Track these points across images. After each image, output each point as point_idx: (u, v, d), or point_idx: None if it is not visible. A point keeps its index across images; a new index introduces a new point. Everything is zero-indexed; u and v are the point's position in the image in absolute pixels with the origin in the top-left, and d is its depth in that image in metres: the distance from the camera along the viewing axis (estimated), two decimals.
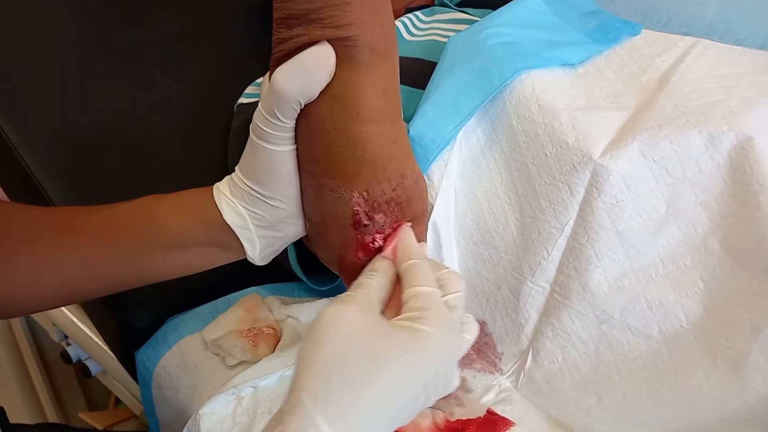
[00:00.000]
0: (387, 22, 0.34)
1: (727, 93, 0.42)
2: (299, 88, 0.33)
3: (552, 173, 0.44)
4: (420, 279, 0.32)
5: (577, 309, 0.43)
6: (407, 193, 0.36)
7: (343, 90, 0.34)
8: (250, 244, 0.38)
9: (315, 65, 0.32)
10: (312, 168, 0.36)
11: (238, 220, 0.37)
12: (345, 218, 0.36)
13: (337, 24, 0.32)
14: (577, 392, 0.44)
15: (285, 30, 0.33)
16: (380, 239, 0.36)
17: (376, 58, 0.34)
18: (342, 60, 0.33)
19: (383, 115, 0.35)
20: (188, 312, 0.55)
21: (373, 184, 0.35)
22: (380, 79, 0.34)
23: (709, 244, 0.40)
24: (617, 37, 0.50)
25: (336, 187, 0.35)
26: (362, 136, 0.34)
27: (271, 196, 0.37)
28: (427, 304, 0.31)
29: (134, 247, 0.39)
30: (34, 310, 0.44)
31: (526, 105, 0.46)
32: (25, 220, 0.40)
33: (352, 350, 0.28)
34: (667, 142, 0.40)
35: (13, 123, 0.56)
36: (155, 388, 0.52)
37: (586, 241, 0.42)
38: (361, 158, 0.35)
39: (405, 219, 0.37)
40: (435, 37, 0.60)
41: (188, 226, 0.38)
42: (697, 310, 0.40)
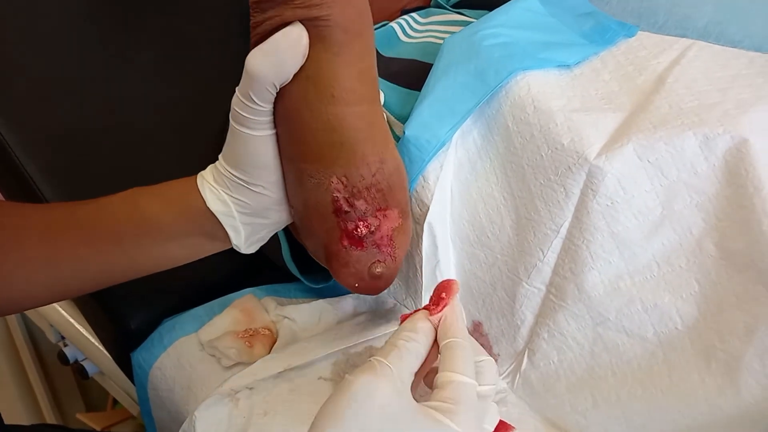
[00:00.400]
0: (360, 2, 0.34)
1: (722, 95, 0.42)
2: (272, 70, 0.33)
3: (547, 174, 0.44)
4: (460, 366, 0.31)
5: (573, 310, 0.43)
6: (388, 179, 0.36)
7: (317, 71, 0.33)
8: (235, 231, 0.38)
9: (287, 46, 0.32)
10: (291, 153, 0.36)
11: (221, 207, 0.37)
12: (326, 205, 0.36)
13: (307, 4, 0.32)
14: (572, 394, 0.44)
15: (259, 13, 0.33)
16: (363, 227, 0.36)
17: (349, 38, 0.33)
18: (315, 41, 0.33)
19: (358, 97, 0.34)
20: (184, 313, 0.55)
21: (351, 169, 0.35)
22: (355, 60, 0.34)
23: (704, 246, 0.40)
24: (613, 38, 0.50)
25: (315, 173, 0.35)
26: (337, 118, 0.34)
27: (253, 183, 0.37)
28: (461, 397, 0.30)
29: (121, 240, 0.39)
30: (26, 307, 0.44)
31: (522, 106, 0.46)
32: (12, 218, 0.40)
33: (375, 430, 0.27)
34: (663, 144, 0.40)
35: (9, 124, 0.56)
36: (151, 389, 0.52)
37: (582, 243, 0.42)
38: (338, 142, 0.34)
39: (389, 207, 0.36)
40: (431, 39, 0.60)
41: (172, 216, 0.38)
42: (692, 312, 0.40)
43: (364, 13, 0.34)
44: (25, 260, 0.38)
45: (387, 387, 0.29)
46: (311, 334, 0.52)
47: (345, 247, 0.36)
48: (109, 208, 0.39)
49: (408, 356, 0.31)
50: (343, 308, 0.54)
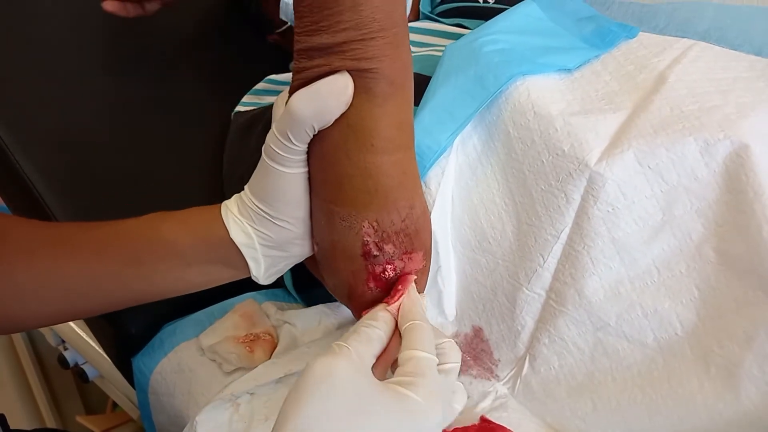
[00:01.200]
0: (406, 55, 0.34)
1: (723, 98, 0.42)
2: (314, 114, 0.33)
3: (548, 180, 0.44)
4: (419, 342, 0.32)
5: (573, 316, 0.43)
6: (416, 224, 0.37)
7: (359, 120, 0.34)
8: (255, 263, 0.38)
9: (332, 93, 0.33)
10: (323, 193, 0.36)
11: (244, 238, 0.37)
12: (354, 247, 0.36)
13: (359, 57, 0.32)
14: (572, 399, 0.44)
15: (306, 60, 0.33)
16: (391, 270, 0.36)
17: (393, 90, 0.34)
18: (360, 91, 0.33)
19: (396, 146, 0.35)
20: (184, 318, 0.55)
21: (383, 215, 0.35)
22: (396, 111, 0.34)
23: (703, 251, 0.40)
24: (614, 41, 0.50)
25: (347, 216, 0.36)
26: (375, 166, 0.35)
27: (278, 217, 0.37)
28: (421, 370, 0.31)
29: (137, 264, 0.39)
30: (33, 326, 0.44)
31: (522, 112, 0.46)
32: (24, 234, 0.40)
33: (337, 408, 0.28)
34: (663, 149, 0.40)
35: (9, 127, 0.56)
36: (152, 394, 0.52)
37: (582, 248, 0.42)
38: (373, 188, 0.35)
39: (414, 250, 0.37)
40: (432, 52, 0.60)
41: (193, 243, 0.38)
42: (692, 318, 0.40)
43: (409, 66, 0.35)
44: (35, 276, 0.38)
45: (346, 366, 0.29)
46: (311, 338, 0.52)
47: (370, 289, 0.37)
48: (128, 230, 0.39)
49: (367, 340, 0.32)
50: (342, 313, 0.54)
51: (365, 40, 0.32)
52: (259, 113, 0.63)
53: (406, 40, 0.34)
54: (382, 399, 0.29)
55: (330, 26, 0.31)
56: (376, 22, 0.31)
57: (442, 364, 0.33)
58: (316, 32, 0.32)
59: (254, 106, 0.66)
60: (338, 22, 0.31)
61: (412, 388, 0.30)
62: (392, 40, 0.32)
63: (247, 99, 0.68)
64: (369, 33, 0.32)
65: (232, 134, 0.65)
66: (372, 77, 0.33)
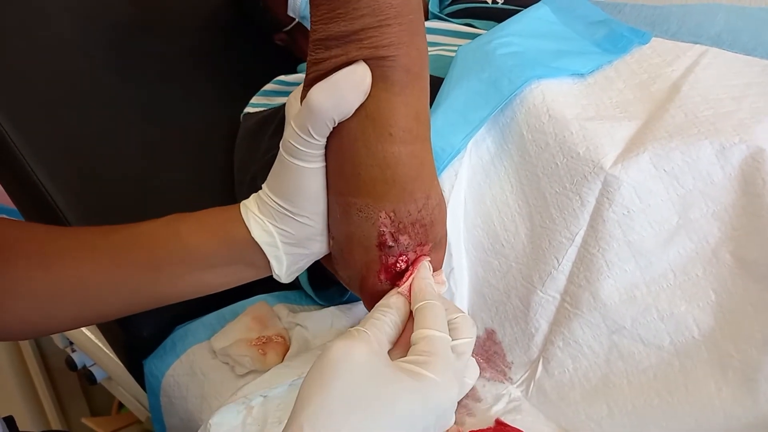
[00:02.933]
0: (422, 44, 0.34)
1: (736, 104, 0.42)
2: (334, 106, 0.33)
3: (563, 183, 0.44)
4: (431, 321, 0.32)
5: (588, 319, 0.43)
6: (431, 215, 0.37)
7: (377, 110, 0.34)
8: (278, 261, 0.38)
9: (351, 84, 0.33)
10: (340, 186, 0.36)
11: (266, 237, 0.37)
12: (370, 238, 0.36)
13: (376, 45, 0.32)
14: (587, 402, 0.44)
15: (322, 51, 0.33)
16: (403, 262, 0.36)
17: (410, 79, 0.34)
18: (377, 80, 0.33)
19: (414, 136, 0.35)
20: (195, 321, 0.55)
21: (400, 205, 0.35)
22: (413, 101, 0.34)
23: (720, 255, 0.40)
24: (627, 46, 0.50)
25: (364, 207, 0.35)
26: (393, 156, 0.34)
27: (299, 213, 0.37)
28: (435, 349, 0.31)
29: (157, 267, 0.38)
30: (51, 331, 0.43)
31: (537, 115, 0.46)
32: (41, 240, 0.40)
33: (356, 391, 0.28)
34: (678, 153, 0.40)
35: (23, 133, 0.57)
36: (164, 396, 0.52)
37: (597, 251, 0.42)
38: (390, 179, 0.35)
39: (428, 242, 0.37)
40: (442, 52, 0.60)
41: (214, 245, 0.38)
42: (709, 322, 0.40)
43: (425, 55, 0.35)
44: (54, 282, 0.38)
45: (364, 348, 0.30)
46: (323, 341, 0.52)
47: (381, 281, 0.37)
48: (147, 234, 0.39)
49: (383, 324, 0.32)
50: (354, 315, 0.54)
51: (382, 26, 0.32)
52: (269, 114, 0.63)
53: (422, 28, 0.34)
54: (398, 380, 0.29)
55: (347, 13, 0.31)
56: (393, 8, 0.31)
57: (455, 339, 0.33)
58: (333, 20, 0.31)
59: (264, 107, 0.66)
60: (355, 8, 0.31)
61: (426, 367, 0.30)
62: (408, 27, 0.32)
63: (256, 100, 0.68)
64: (386, 19, 0.31)
65: (241, 135, 0.65)
66: (389, 65, 0.33)
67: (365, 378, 0.29)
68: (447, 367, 0.31)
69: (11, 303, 0.38)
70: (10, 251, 0.39)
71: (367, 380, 0.29)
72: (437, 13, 0.68)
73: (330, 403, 0.28)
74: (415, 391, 0.29)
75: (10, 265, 0.38)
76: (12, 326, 0.40)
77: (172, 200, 0.60)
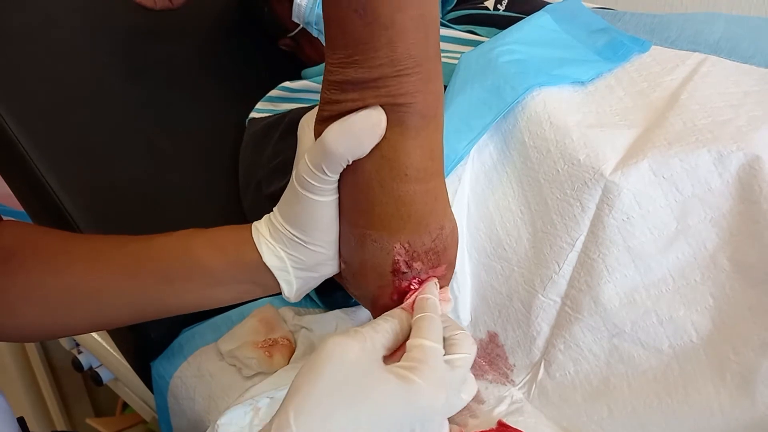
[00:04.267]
0: (438, 87, 0.34)
1: (734, 112, 0.43)
2: (349, 149, 0.34)
3: (564, 189, 0.45)
4: (425, 332, 0.33)
5: (589, 323, 0.44)
6: (444, 242, 0.38)
7: (392, 152, 0.34)
8: (288, 284, 0.39)
9: (366, 128, 0.33)
10: (355, 219, 0.37)
11: (277, 263, 0.38)
12: (385, 266, 0.37)
13: (393, 94, 0.32)
14: (588, 404, 0.45)
15: (338, 93, 0.33)
16: (416, 283, 0.37)
17: (426, 123, 0.34)
18: (392, 124, 0.33)
19: (429, 175, 0.36)
20: (202, 323, 0.56)
21: (414, 237, 0.36)
22: (428, 142, 0.35)
23: (718, 260, 0.41)
24: (627, 54, 0.51)
25: (379, 238, 0.36)
26: (408, 195, 0.35)
27: (311, 242, 0.37)
28: (425, 357, 0.32)
29: (169, 281, 0.39)
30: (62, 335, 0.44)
31: (538, 122, 0.47)
32: (55, 246, 0.41)
33: (344, 385, 0.30)
34: (677, 160, 0.41)
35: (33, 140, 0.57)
36: (171, 398, 0.53)
37: (598, 257, 0.43)
38: (406, 215, 0.35)
39: (440, 265, 0.38)
40: (444, 59, 0.61)
41: (225, 264, 0.39)
42: (707, 325, 0.41)
43: (440, 98, 0.35)
44: (67, 291, 0.39)
45: (357, 347, 0.31)
46: None
47: (393, 301, 0.38)
48: (160, 247, 0.40)
49: (381, 330, 0.33)
50: (359, 318, 0.55)
51: (400, 76, 0.32)
52: (274, 120, 0.64)
53: (439, 73, 0.34)
54: (385, 380, 0.30)
55: (365, 61, 0.31)
56: (411, 58, 0.32)
57: (451, 353, 0.34)
58: (351, 65, 0.32)
59: (269, 112, 0.67)
60: (373, 58, 0.31)
61: (413, 371, 0.31)
62: (426, 75, 0.33)
63: (262, 105, 0.69)
64: (404, 69, 0.32)
65: (247, 141, 0.66)
66: (405, 111, 0.33)
67: (354, 374, 0.30)
68: (434, 375, 0.31)
69: (25, 308, 0.39)
70: (26, 256, 0.40)
71: (355, 376, 0.30)
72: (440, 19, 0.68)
73: (317, 393, 0.29)
74: (399, 392, 0.30)
75: (25, 270, 0.39)
76: (25, 329, 0.41)
77: (179, 205, 0.61)
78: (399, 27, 0.30)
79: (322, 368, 0.30)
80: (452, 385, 0.33)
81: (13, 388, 1.10)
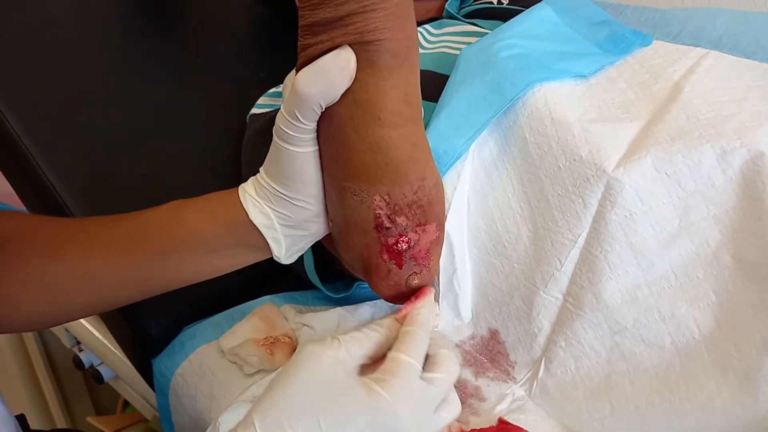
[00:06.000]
0: (409, 27, 0.34)
1: (737, 106, 0.43)
2: (320, 91, 0.33)
3: (565, 185, 0.45)
4: (405, 347, 0.33)
5: (590, 319, 0.44)
6: (428, 196, 0.37)
7: (365, 94, 0.34)
8: (276, 243, 0.39)
9: (336, 69, 0.33)
10: (334, 170, 0.36)
11: (264, 220, 0.38)
12: (367, 221, 0.36)
13: (361, 30, 0.32)
14: (590, 402, 0.44)
15: (310, 36, 0.33)
16: (404, 242, 0.37)
17: (398, 62, 0.34)
18: (363, 64, 0.33)
19: (404, 119, 0.35)
20: (203, 321, 0.56)
21: (394, 188, 0.36)
22: (402, 83, 0.34)
23: (721, 257, 0.40)
24: (628, 47, 0.50)
25: (358, 191, 0.36)
26: (383, 140, 0.35)
27: (295, 197, 0.37)
28: (397, 371, 0.32)
29: (164, 253, 0.39)
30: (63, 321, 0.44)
31: (539, 118, 0.46)
32: (51, 232, 0.41)
33: (312, 393, 0.30)
34: (680, 156, 0.41)
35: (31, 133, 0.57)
36: (172, 396, 0.53)
37: (600, 253, 0.43)
38: (383, 162, 0.35)
39: (428, 221, 0.37)
40: (445, 49, 0.60)
41: (217, 230, 0.39)
42: (709, 323, 0.40)
43: (412, 37, 0.35)
44: (66, 275, 0.39)
45: (330, 357, 0.31)
46: None
47: (384, 260, 0.37)
48: (151, 221, 0.40)
49: (363, 339, 0.33)
50: (360, 315, 0.55)
51: (366, 12, 0.32)
52: (273, 115, 0.64)
53: (410, 11, 0.34)
54: (353, 391, 0.31)
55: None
56: None
57: (431, 372, 0.33)
58: (319, 6, 0.32)
59: (270, 107, 0.66)
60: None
61: (382, 384, 0.31)
62: (394, 11, 0.32)
63: (262, 101, 0.68)
64: (370, 4, 0.31)
65: (248, 136, 0.65)
66: (375, 50, 0.33)
67: (323, 382, 0.31)
68: (403, 390, 0.31)
69: (25, 296, 0.39)
70: (22, 244, 0.40)
71: (324, 385, 0.31)
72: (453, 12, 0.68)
73: (284, 400, 0.30)
74: (364, 404, 0.30)
75: (22, 258, 0.39)
76: (24, 318, 0.41)
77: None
78: None
79: (293, 375, 0.31)
80: (424, 403, 0.33)
81: (14, 386, 1.10)
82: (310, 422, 0.29)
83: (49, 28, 0.63)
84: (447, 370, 0.34)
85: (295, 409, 0.30)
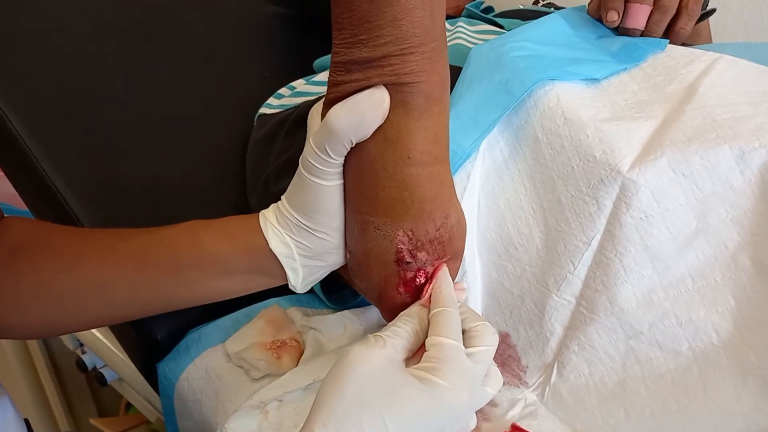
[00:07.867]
0: (443, 69, 0.34)
1: (754, 109, 0.42)
2: (352, 128, 0.33)
3: (579, 186, 0.44)
4: (442, 329, 0.33)
5: (604, 323, 0.43)
6: (450, 232, 0.37)
7: (396, 134, 0.34)
8: (294, 272, 0.39)
9: (370, 107, 0.33)
10: (359, 204, 0.36)
11: (284, 249, 0.38)
12: (388, 254, 0.36)
13: (397, 72, 0.32)
14: (603, 407, 0.44)
15: (343, 74, 0.33)
16: (422, 276, 0.37)
17: (430, 104, 0.34)
18: (396, 104, 0.33)
19: (433, 159, 0.35)
20: (209, 324, 0.55)
21: (418, 224, 0.36)
22: (433, 125, 0.35)
23: (739, 260, 0.39)
24: (642, 55, 0.50)
25: (381, 225, 0.36)
26: (411, 178, 0.35)
27: (317, 229, 0.37)
28: (444, 355, 0.32)
29: (179, 272, 0.39)
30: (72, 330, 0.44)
31: (552, 117, 0.46)
32: (64, 241, 0.40)
33: (369, 394, 0.30)
34: (697, 157, 0.40)
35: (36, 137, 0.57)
36: (177, 400, 0.52)
37: (614, 256, 0.42)
38: (409, 200, 0.35)
39: (445, 256, 0.37)
40: (460, 41, 0.60)
41: (233, 253, 0.39)
42: (728, 328, 0.39)
43: (446, 80, 0.35)
44: (77, 285, 0.39)
45: (379, 355, 0.31)
46: (337, 344, 0.52)
47: (400, 293, 0.37)
48: (169, 238, 0.40)
49: (401, 332, 0.34)
50: (368, 319, 0.54)
51: (404, 54, 0.32)
52: (282, 117, 0.63)
53: (444, 54, 0.34)
54: (409, 384, 0.31)
55: (369, 40, 0.31)
56: (416, 36, 0.31)
57: (472, 347, 0.34)
58: (356, 45, 0.32)
59: (279, 108, 0.66)
60: (378, 36, 0.31)
61: (436, 373, 0.31)
62: (431, 55, 0.33)
63: (273, 101, 0.68)
64: (408, 48, 0.32)
65: (255, 139, 0.65)
66: (409, 91, 0.33)
67: (378, 382, 0.30)
68: (456, 372, 0.31)
69: (36, 303, 0.39)
70: (34, 252, 0.40)
71: (380, 384, 0.30)
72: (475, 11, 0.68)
73: (343, 405, 0.29)
74: (422, 395, 0.30)
75: (36, 266, 0.39)
76: (33, 326, 0.41)
77: (185, 205, 0.60)
78: (404, 4, 0.30)
79: (345, 380, 0.30)
80: (475, 380, 0.33)
81: (17, 388, 1.10)
82: (375, 422, 0.29)
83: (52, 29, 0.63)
84: (487, 341, 0.34)
85: (357, 413, 0.29)
